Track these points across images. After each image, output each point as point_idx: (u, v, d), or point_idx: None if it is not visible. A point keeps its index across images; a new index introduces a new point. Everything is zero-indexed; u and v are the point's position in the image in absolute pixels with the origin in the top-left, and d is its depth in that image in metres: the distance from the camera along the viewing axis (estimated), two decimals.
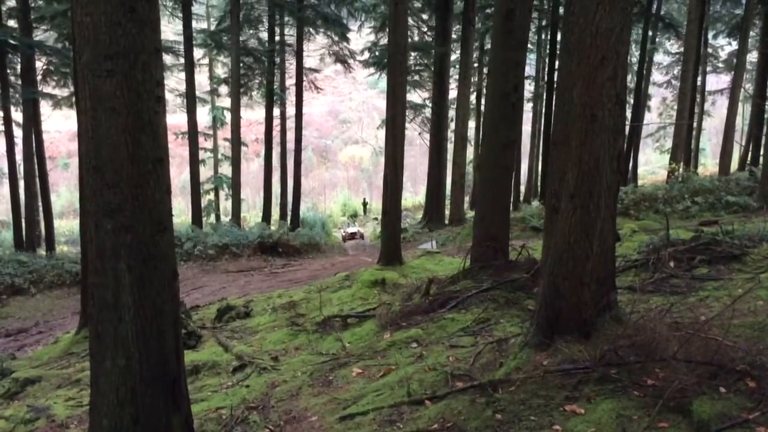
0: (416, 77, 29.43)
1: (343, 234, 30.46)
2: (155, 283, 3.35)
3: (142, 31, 3.23)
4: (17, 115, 22.58)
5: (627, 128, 25.53)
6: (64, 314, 14.72)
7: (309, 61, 30.30)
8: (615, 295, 4.63)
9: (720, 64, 36.88)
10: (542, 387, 3.91)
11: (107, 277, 3.27)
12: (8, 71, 21.24)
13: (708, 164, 42.55)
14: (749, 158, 28.30)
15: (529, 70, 33.50)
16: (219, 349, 7.22)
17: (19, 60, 21.33)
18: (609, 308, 4.47)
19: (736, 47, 28.94)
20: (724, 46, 36.31)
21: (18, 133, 21.84)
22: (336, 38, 28.96)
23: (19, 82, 21.69)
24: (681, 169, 21.42)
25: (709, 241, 7.54)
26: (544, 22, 30.67)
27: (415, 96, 30.47)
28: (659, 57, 38.39)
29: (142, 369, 3.32)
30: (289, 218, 28.09)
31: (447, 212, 26.70)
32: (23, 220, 21.38)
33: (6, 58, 20.64)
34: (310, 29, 28.13)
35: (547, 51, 28.25)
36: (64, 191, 47.31)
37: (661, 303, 5.45)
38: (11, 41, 19.62)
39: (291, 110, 28.98)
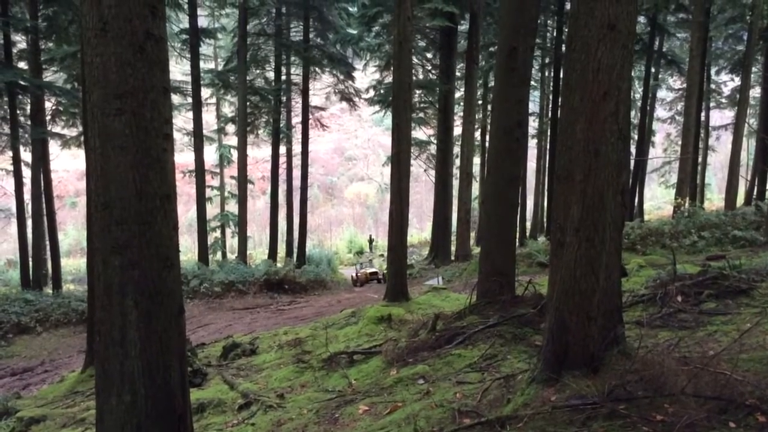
0: (421, 114, 29.69)
1: (357, 275, 25.88)
2: (162, 319, 3.36)
3: (151, 70, 3.30)
4: (26, 155, 22.84)
5: (632, 163, 25.66)
6: (69, 353, 14.68)
7: (315, 100, 30.68)
8: (622, 329, 4.60)
9: (723, 100, 37.13)
10: (550, 423, 3.86)
11: (114, 313, 3.28)
12: (18, 111, 21.54)
13: (714, 199, 42.51)
14: (755, 193, 28.32)
15: (533, 106, 33.85)
16: (224, 387, 7.18)
17: (28, 100, 21.66)
18: (617, 343, 4.43)
19: (739, 83, 29.16)
20: (727, 81, 36.61)
21: (27, 172, 22.06)
22: (341, 77, 29.39)
23: (29, 122, 21.99)
24: (687, 204, 21.41)
25: (716, 275, 7.49)
26: (547, 60, 31.05)
27: (420, 133, 30.70)
28: (662, 93, 38.69)
29: (148, 405, 3.31)
30: (295, 255, 28.13)
31: (453, 248, 26.68)
32: (30, 259, 21.45)
33: (16, 98, 20.95)
34: (316, 68, 28.58)
35: (551, 88, 28.53)
36: (72, 230, 47.51)
37: (669, 337, 5.41)
38: (21, 82, 19.94)
39: (297, 148, 29.27)
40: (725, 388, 3.69)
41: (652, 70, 28.72)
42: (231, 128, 33.00)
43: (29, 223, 21.69)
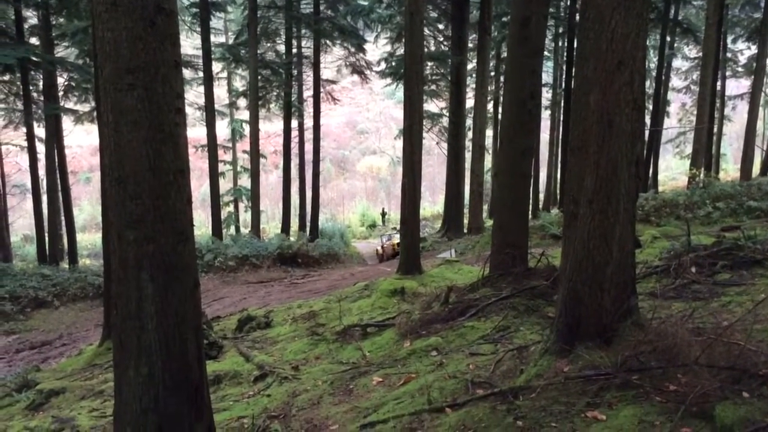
0: (433, 87, 29.47)
1: (383, 248, 25.10)
2: (177, 292, 3.39)
3: (163, 44, 3.29)
4: (40, 131, 22.96)
5: (646, 134, 25.40)
6: (87, 326, 14.89)
7: (326, 73, 30.48)
8: (636, 300, 4.59)
9: (740, 69, 36.55)
10: (563, 393, 3.89)
11: (130, 287, 3.31)
12: (31, 88, 21.60)
13: (729, 169, 42.13)
14: None
15: (547, 77, 33.47)
16: (240, 359, 7.26)
17: (41, 76, 21.71)
18: (630, 314, 4.43)
19: (756, 51, 28.67)
20: (744, 50, 35.99)
21: (41, 148, 22.21)
22: (352, 49, 29.14)
23: (42, 98, 22.07)
24: (702, 175, 21.21)
25: (731, 246, 7.45)
26: (560, 29, 30.64)
27: (432, 105, 30.51)
28: (678, 62, 38.14)
29: (165, 377, 3.36)
30: (308, 229, 28.20)
31: (466, 221, 26.66)
32: (46, 234, 21.69)
33: (28, 74, 21.00)
34: (327, 41, 28.34)
35: (564, 58, 28.19)
36: (86, 205, 47.87)
37: (682, 308, 5.40)
38: (33, 58, 19.97)
39: (309, 122, 29.18)
40: (739, 359, 3.69)
41: (668, 38, 28.23)
42: (242, 102, 32.95)
43: (44, 198, 21.91)
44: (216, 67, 29.02)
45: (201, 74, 26.11)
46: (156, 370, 3.34)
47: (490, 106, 31.22)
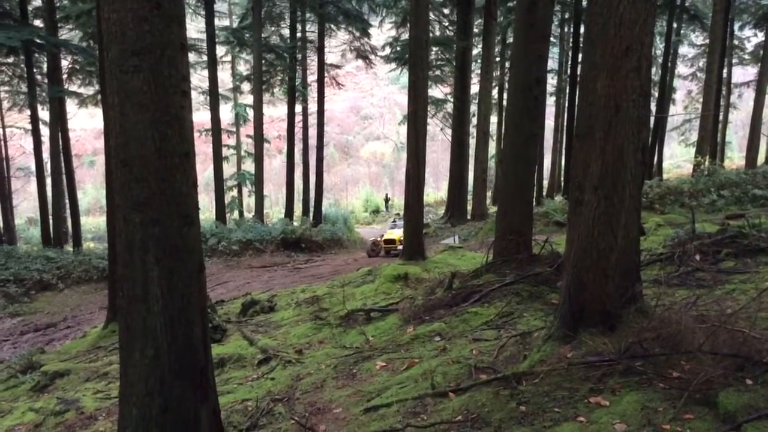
0: (438, 72, 29.33)
1: (375, 241, 19.81)
2: (183, 275, 3.39)
3: (168, 26, 3.27)
4: (44, 114, 22.94)
5: (652, 120, 25.28)
6: (91, 309, 14.95)
7: (330, 57, 30.35)
8: (640, 287, 4.59)
9: (746, 56, 36.31)
10: (566, 379, 3.90)
11: (136, 270, 3.32)
12: (35, 70, 21.56)
13: (734, 157, 41.94)
14: None
15: (552, 63, 33.30)
16: (244, 343, 7.29)
17: (45, 59, 21.66)
18: (634, 301, 4.43)
19: (763, 38, 28.46)
20: (751, 37, 35.72)
21: (45, 131, 22.20)
22: (357, 34, 28.97)
23: (46, 81, 22.04)
24: (707, 162, 21.14)
25: (735, 234, 7.45)
26: (567, 15, 30.44)
27: (436, 91, 30.39)
28: (684, 49, 37.88)
29: (171, 359, 3.37)
30: (311, 214, 28.22)
31: (469, 207, 26.63)
32: (50, 217, 21.73)
33: (33, 57, 20.95)
34: (332, 25, 28.18)
35: (571, 44, 28.01)
36: (90, 188, 47.89)
37: (686, 296, 5.40)
38: (37, 40, 19.90)
39: (313, 106, 29.11)
40: (742, 346, 3.69)
41: (674, 25, 28.03)
42: (246, 87, 32.86)
43: (48, 181, 21.92)
44: (220, 50, 28.91)
45: (205, 58, 26.05)
46: (162, 353, 3.36)
47: (495, 93, 31.05)
